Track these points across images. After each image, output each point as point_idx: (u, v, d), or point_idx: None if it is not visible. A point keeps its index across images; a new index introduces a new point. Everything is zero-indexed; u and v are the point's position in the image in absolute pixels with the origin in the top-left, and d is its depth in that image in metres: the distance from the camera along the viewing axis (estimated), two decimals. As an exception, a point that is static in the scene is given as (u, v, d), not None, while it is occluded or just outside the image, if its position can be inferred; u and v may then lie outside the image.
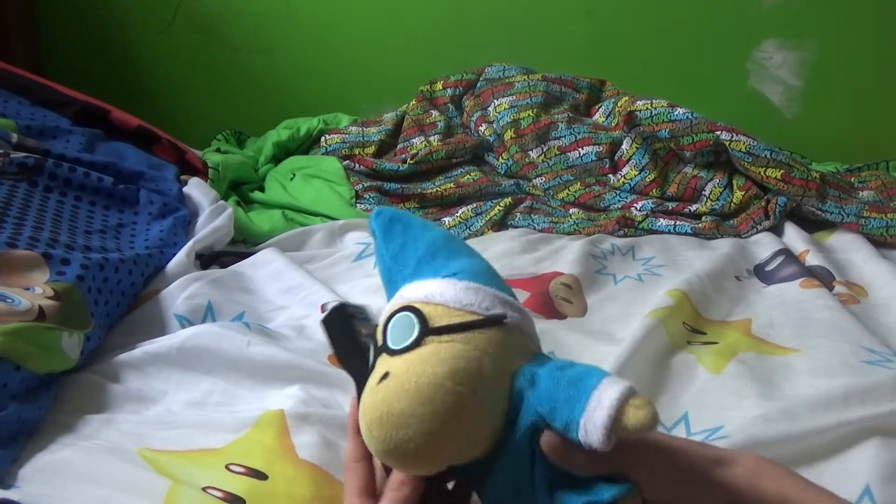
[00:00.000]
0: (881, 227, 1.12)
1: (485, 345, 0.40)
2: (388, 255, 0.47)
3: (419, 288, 0.43)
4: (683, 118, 1.23)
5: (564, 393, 0.38)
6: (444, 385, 0.38)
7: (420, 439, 0.38)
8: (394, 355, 0.40)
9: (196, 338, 0.67)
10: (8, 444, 0.53)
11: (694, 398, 0.70)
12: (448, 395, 0.38)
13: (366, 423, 0.40)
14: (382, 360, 0.41)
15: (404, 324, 0.41)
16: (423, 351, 0.40)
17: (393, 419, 0.38)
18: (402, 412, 0.38)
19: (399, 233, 0.48)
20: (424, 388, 0.38)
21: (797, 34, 1.80)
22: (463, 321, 0.41)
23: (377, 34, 1.93)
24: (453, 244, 0.48)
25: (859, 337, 0.78)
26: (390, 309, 0.43)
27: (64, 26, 1.99)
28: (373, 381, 0.40)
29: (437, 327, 0.40)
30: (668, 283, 0.94)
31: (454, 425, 0.39)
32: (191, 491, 0.50)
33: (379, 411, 0.39)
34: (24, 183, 0.88)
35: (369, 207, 1.22)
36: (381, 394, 0.39)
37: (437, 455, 0.39)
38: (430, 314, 0.41)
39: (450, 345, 0.40)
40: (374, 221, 0.49)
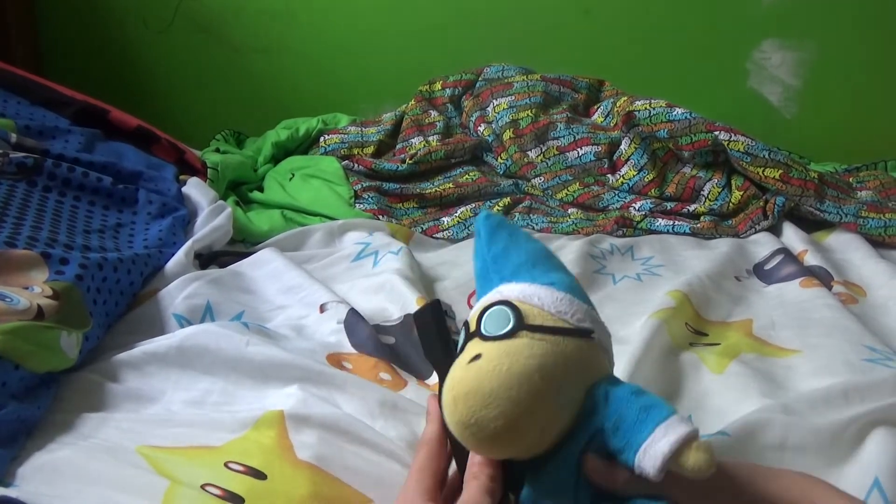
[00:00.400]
0: (879, 226, 1.12)
1: (571, 351, 0.43)
2: (489, 256, 0.49)
3: (518, 288, 0.46)
4: (682, 118, 1.24)
5: (634, 415, 0.41)
6: (531, 376, 0.41)
7: (501, 421, 0.40)
8: (487, 340, 0.43)
9: (195, 337, 0.67)
10: (7, 443, 0.53)
11: (697, 400, 0.70)
12: (533, 387, 0.41)
13: (452, 395, 0.42)
14: (474, 344, 0.43)
15: (500, 315, 0.44)
16: (516, 342, 0.42)
17: (480, 397, 0.40)
18: (490, 392, 0.40)
19: (503, 238, 0.50)
20: (514, 375, 0.41)
21: (796, 34, 1.80)
22: (555, 325, 0.43)
23: (376, 34, 1.94)
24: (552, 259, 0.50)
25: (860, 336, 0.78)
26: (486, 301, 0.46)
27: (64, 26, 2.00)
28: (463, 360, 0.43)
29: (532, 325, 0.43)
30: (668, 283, 0.94)
31: (532, 416, 0.41)
32: (189, 490, 0.50)
33: (468, 387, 0.41)
34: (23, 183, 0.88)
35: (368, 207, 1.22)
36: (473, 371, 0.41)
37: (511, 440, 0.41)
38: (526, 312, 0.44)
39: (541, 343, 0.42)
40: (481, 222, 0.51)
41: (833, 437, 0.59)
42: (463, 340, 0.45)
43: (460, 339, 0.46)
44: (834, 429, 0.59)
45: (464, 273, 0.99)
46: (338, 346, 0.74)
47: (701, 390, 0.71)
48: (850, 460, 0.57)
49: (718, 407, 0.68)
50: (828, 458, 0.58)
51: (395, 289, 0.86)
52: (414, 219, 1.23)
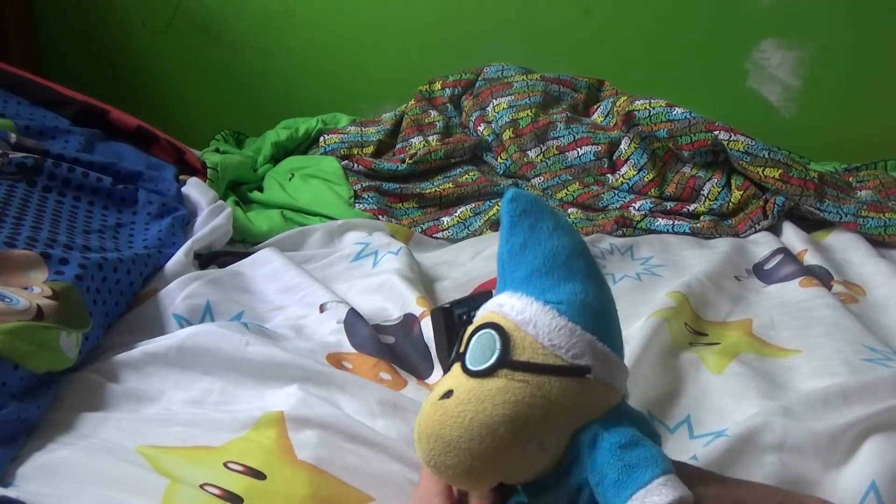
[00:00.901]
0: (879, 226, 1.12)
1: (556, 396, 0.40)
2: (506, 249, 0.45)
3: (518, 307, 0.42)
4: (682, 118, 1.24)
5: (615, 475, 0.38)
6: (496, 429, 0.39)
7: (458, 469, 0.40)
8: (465, 373, 0.41)
9: (194, 337, 0.67)
10: (7, 443, 0.53)
11: (696, 400, 0.70)
12: (496, 440, 0.39)
13: (417, 430, 0.42)
14: (454, 373, 0.42)
15: (487, 343, 0.41)
16: (491, 384, 0.40)
17: (440, 443, 0.40)
18: (449, 441, 0.40)
19: (524, 230, 0.45)
20: (476, 427, 0.39)
21: (796, 34, 1.80)
22: (544, 363, 0.40)
23: (376, 34, 1.93)
24: (574, 261, 0.45)
25: (859, 335, 0.78)
26: (485, 315, 0.44)
27: (63, 26, 1.99)
28: (437, 392, 0.41)
29: (516, 361, 0.40)
30: (667, 282, 0.94)
31: (491, 467, 0.40)
32: (189, 489, 0.50)
33: (430, 429, 0.40)
34: (23, 183, 0.88)
35: (368, 207, 1.22)
36: (439, 413, 0.40)
37: (471, 484, 0.42)
38: (516, 342, 0.41)
39: (520, 385, 0.39)
40: (505, 205, 0.46)
41: (831, 439, 0.59)
42: (453, 358, 0.43)
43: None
44: (832, 432, 0.59)
45: (463, 273, 0.99)
46: (338, 345, 0.74)
47: (700, 390, 0.71)
48: (848, 463, 0.57)
49: (718, 407, 0.68)
50: (825, 460, 0.58)
51: (395, 289, 0.86)
52: (413, 219, 1.22)
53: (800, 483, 0.57)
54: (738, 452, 0.58)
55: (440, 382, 0.43)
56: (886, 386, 0.64)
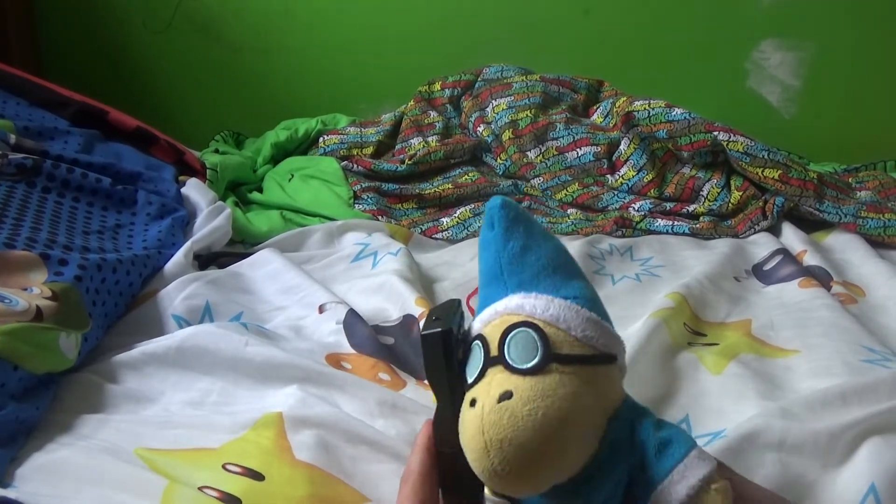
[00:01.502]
0: (879, 227, 1.12)
1: (596, 381, 0.41)
2: (505, 253, 0.44)
3: (541, 304, 0.42)
4: (681, 118, 1.24)
5: (651, 453, 0.40)
6: (566, 420, 0.38)
7: (533, 468, 0.38)
8: (515, 373, 0.39)
9: (194, 338, 0.67)
10: (6, 444, 0.53)
11: (695, 400, 0.70)
12: (568, 432, 0.39)
13: (483, 441, 0.38)
14: (500, 375, 0.40)
15: (527, 342, 0.40)
16: (548, 380, 0.39)
17: (516, 447, 0.38)
18: (526, 442, 0.38)
19: (522, 233, 0.45)
20: (550, 422, 0.38)
21: (795, 34, 1.80)
22: (583, 354, 0.41)
23: (375, 34, 1.94)
24: (570, 261, 0.47)
25: (859, 336, 0.78)
26: (508, 316, 0.42)
27: (63, 26, 2.00)
28: (491, 396, 0.39)
29: (562, 355, 0.40)
30: (667, 283, 0.94)
31: (563, 460, 0.39)
32: (188, 490, 0.50)
33: (502, 434, 0.38)
34: (23, 184, 0.88)
35: (367, 208, 1.22)
36: (507, 416, 0.38)
37: (541, 483, 0.39)
38: (554, 339, 0.40)
39: (571, 377, 0.39)
40: (497, 210, 0.45)
41: (830, 440, 0.59)
42: (482, 363, 0.41)
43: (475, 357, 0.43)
44: (831, 432, 0.59)
45: (463, 273, 0.99)
46: (337, 346, 0.74)
47: (699, 390, 0.71)
48: (846, 465, 0.57)
49: (716, 407, 0.68)
50: (824, 461, 0.58)
51: (394, 289, 0.86)
52: (413, 219, 1.23)
53: (798, 484, 0.57)
54: (737, 452, 0.58)
55: (475, 394, 0.40)
56: (886, 387, 0.64)
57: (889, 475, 0.55)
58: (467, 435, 0.40)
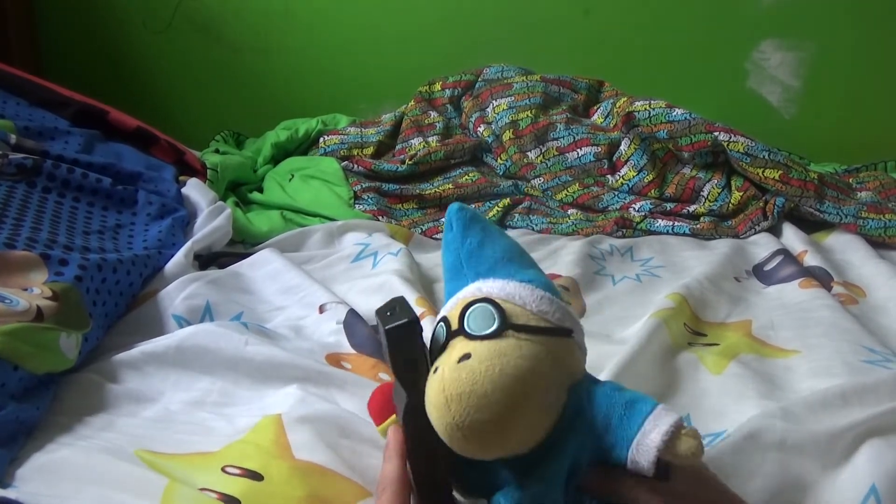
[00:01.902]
0: (879, 227, 1.12)
1: (556, 352, 0.43)
2: (464, 249, 0.49)
3: (498, 285, 0.45)
4: (682, 119, 1.24)
5: (619, 412, 0.42)
6: (523, 378, 0.41)
7: (494, 423, 0.40)
8: (474, 339, 0.42)
9: (194, 337, 0.67)
10: (7, 444, 0.53)
11: (695, 399, 0.70)
12: (526, 387, 0.41)
13: (444, 396, 0.40)
14: (460, 342, 0.43)
15: (485, 313, 0.43)
16: (504, 343, 0.42)
17: (475, 398, 0.40)
18: (484, 394, 0.40)
19: (478, 231, 0.49)
20: (508, 378, 0.40)
21: (796, 35, 1.80)
22: (539, 325, 0.44)
23: (375, 34, 1.94)
24: (526, 256, 0.50)
25: (859, 337, 0.78)
26: (467, 297, 0.45)
27: (63, 27, 2.00)
28: (451, 358, 0.42)
29: (517, 324, 0.43)
30: (667, 284, 0.94)
31: (524, 417, 0.41)
32: (188, 489, 0.50)
33: (462, 388, 0.40)
34: (23, 184, 0.88)
35: (367, 208, 1.22)
36: (465, 372, 0.40)
37: (501, 442, 0.41)
38: (510, 311, 0.43)
39: (528, 343, 0.42)
40: (454, 214, 0.50)
41: (830, 441, 0.59)
42: (444, 337, 0.44)
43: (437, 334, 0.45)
44: (831, 433, 0.59)
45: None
46: (337, 346, 0.74)
47: (699, 390, 0.71)
48: (847, 466, 0.57)
49: (716, 407, 0.68)
50: (824, 462, 0.58)
51: (395, 289, 0.86)
52: (413, 220, 1.22)
53: (799, 484, 0.57)
54: (738, 452, 0.58)
55: (450, 349, 0.43)
56: (886, 387, 0.64)
57: (890, 476, 0.55)
58: (430, 396, 0.42)
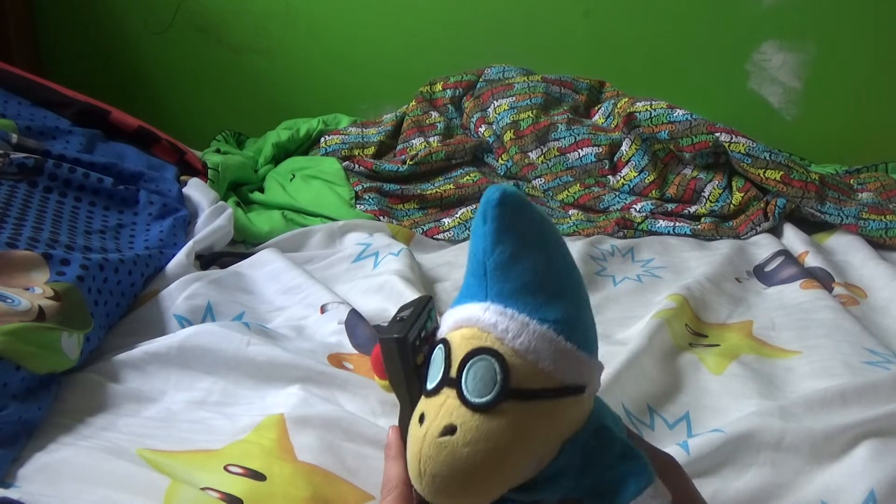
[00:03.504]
0: (880, 228, 1.12)
1: (557, 416, 0.40)
2: (492, 259, 0.41)
3: (515, 328, 0.39)
4: (683, 120, 1.24)
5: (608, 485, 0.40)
6: (507, 459, 0.38)
7: (469, 499, 0.39)
8: (466, 405, 0.38)
9: (195, 337, 0.67)
10: (8, 444, 0.53)
11: (696, 398, 0.70)
12: (508, 468, 0.39)
13: (419, 468, 0.39)
14: (452, 402, 0.39)
15: (488, 374, 0.39)
16: (499, 420, 0.38)
17: (451, 482, 0.38)
18: (463, 481, 0.38)
19: (514, 240, 0.41)
20: (489, 462, 0.38)
21: (796, 36, 1.80)
22: (546, 387, 0.39)
23: (376, 35, 1.94)
24: (560, 275, 0.42)
25: (860, 338, 0.78)
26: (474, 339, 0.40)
27: (64, 27, 2.00)
28: (435, 427, 0.39)
29: (522, 390, 0.38)
30: (668, 284, 0.94)
31: (499, 487, 0.39)
32: (190, 489, 0.50)
33: (437, 469, 0.38)
34: (24, 183, 0.88)
35: (369, 208, 1.22)
36: (445, 454, 0.38)
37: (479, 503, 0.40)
38: (517, 370, 0.39)
39: (524, 416, 0.39)
40: (492, 208, 0.41)
41: (827, 441, 0.59)
42: (440, 377, 0.40)
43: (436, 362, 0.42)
44: (829, 433, 0.59)
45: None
46: (338, 346, 0.74)
47: (699, 390, 0.71)
48: (845, 469, 0.57)
49: (716, 407, 0.68)
50: (821, 462, 0.58)
51: (396, 289, 0.86)
52: (414, 220, 1.23)
53: (794, 483, 0.57)
54: (734, 450, 0.59)
55: (425, 409, 0.40)
56: (885, 388, 0.64)
57: (888, 481, 0.55)
58: (410, 453, 0.40)
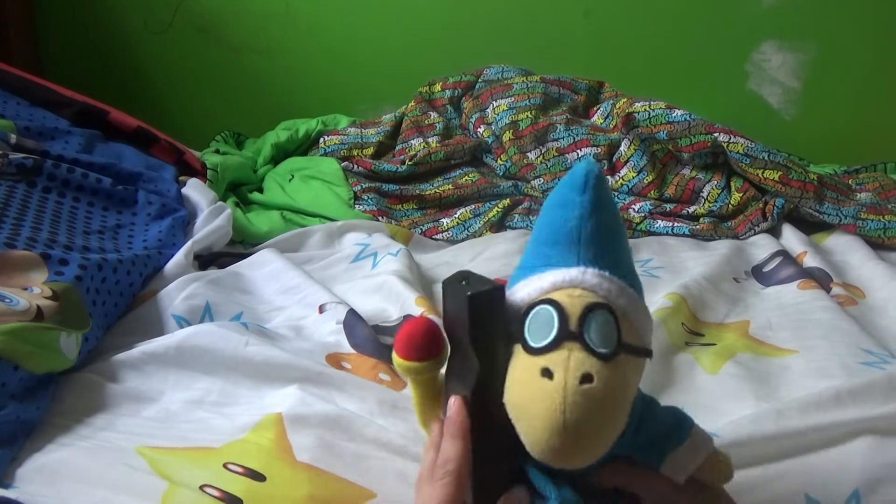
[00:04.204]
0: (879, 228, 1.12)
1: (640, 374, 0.44)
2: (589, 223, 0.43)
3: (616, 289, 0.43)
4: (681, 120, 1.24)
5: (665, 430, 0.46)
6: (628, 403, 0.42)
7: (594, 450, 0.41)
8: (594, 356, 0.40)
9: (194, 337, 0.67)
10: (7, 444, 0.53)
11: (691, 398, 0.70)
12: (626, 412, 0.42)
13: (561, 418, 0.39)
14: (580, 354, 0.40)
15: (607, 327, 0.41)
16: (620, 368, 0.41)
17: (589, 428, 0.40)
18: (599, 424, 0.40)
19: (610, 211, 0.45)
20: (622, 409, 0.41)
21: (796, 36, 1.80)
22: (639, 346, 0.43)
23: (376, 35, 1.94)
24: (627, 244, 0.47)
25: (857, 338, 0.78)
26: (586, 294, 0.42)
27: (63, 27, 2.00)
28: (572, 376, 0.40)
29: (628, 345, 0.42)
30: (666, 285, 0.94)
31: (613, 440, 0.42)
32: (188, 492, 0.50)
33: (580, 416, 0.39)
34: (23, 183, 0.88)
35: (367, 209, 1.22)
36: (590, 401, 0.39)
37: (585, 461, 0.41)
38: (624, 330, 0.42)
39: (629, 369, 0.42)
40: (593, 178, 0.43)
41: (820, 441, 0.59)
42: (556, 333, 0.41)
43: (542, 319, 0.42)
44: (822, 434, 0.59)
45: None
46: (337, 346, 0.74)
47: (694, 389, 0.72)
48: (833, 463, 0.58)
49: (711, 406, 0.68)
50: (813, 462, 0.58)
51: (394, 290, 0.86)
52: (413, 220, 1.23)
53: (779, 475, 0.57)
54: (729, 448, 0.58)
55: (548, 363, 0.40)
56: (881, 387, 0.64)
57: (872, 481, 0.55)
58: (537, 407, 0.40)
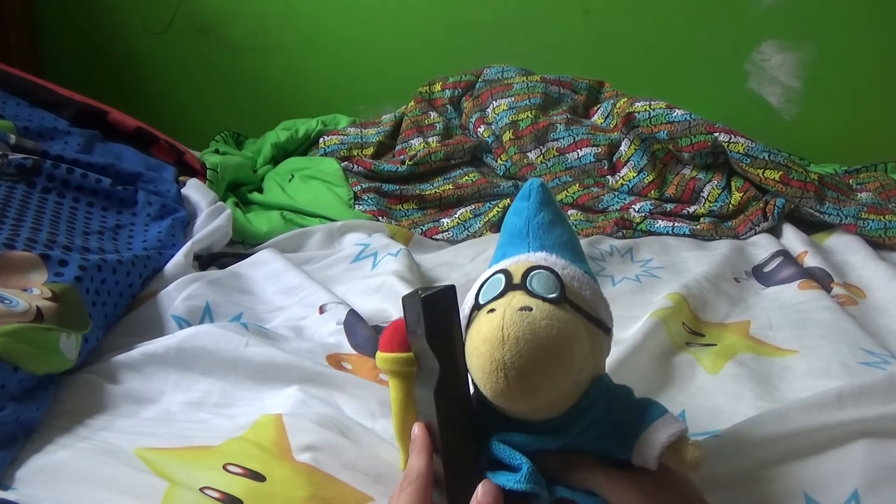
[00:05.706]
0: (879, 228, 1.12)
1: (594, 340, 0.45)
2: (536, 219, 0.50)
3: (562, 263, 0.47)
4: (682, 120, 1.24)
5: (633, 414, 0.46)
6: (572, 344, 0.42)
7: (538, 375, 0.41)
8: (535, 297, 0.43)
9: (194, 338, 0.67)
10: (6, 445, 0.53)
11: (692, 398, 0.70)
12: (571, 354, 0.42)
13: (501, 333, 0.41)
14: (520, 295, 0.43)
15: (549, 280, 0.45)
16: (562, 312, 0.43)
17: (529, 347, 0.41)
18: (538, 345, 0.41)
19: (554, 211, 0.52)
20: (563, 340, 0.42)
21: (796, 36, 1.80)
22: (588, 312, 0.45)
23: (375, 35, 1.94)
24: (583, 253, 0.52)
25: (858, 338, 0.78)
26: (531, 261, 0.47)
27: (63, 27, 2.00)
28: (512, 305, 0.42)
29: (574, 302, 0.44)
30: (667, 285, 0.94)
31: (560, 381, 0.42)
32: (188, 493, 0.50)
33: (520, 332, 0.41)
34: (22, 184, 0.88)
35: (367, 209, 1.22)
36: (527, 321, 0.41)
37: (536, 396, 0.42)
38: (569, 289, 0.45)
39: (578, 319, 0.44)
40: (537, 187, 0.52)
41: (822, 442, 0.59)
42: (502, 286, 0.45)
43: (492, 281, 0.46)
44: (823, 434, 0.59)
45: (463, 274, 0.99)
46: (337, 346, 0.74)
47: (695, 390, 0.71)
48: (833, 463, 0.57)
49: (712, 407, 0.68)
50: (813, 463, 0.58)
51: (394, 290, 0.86)
52: (413, 220, 1.22)
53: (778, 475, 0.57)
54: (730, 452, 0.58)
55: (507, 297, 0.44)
56: (882, 387, 0.64)
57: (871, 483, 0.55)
58: (483, 332, 0.42)
